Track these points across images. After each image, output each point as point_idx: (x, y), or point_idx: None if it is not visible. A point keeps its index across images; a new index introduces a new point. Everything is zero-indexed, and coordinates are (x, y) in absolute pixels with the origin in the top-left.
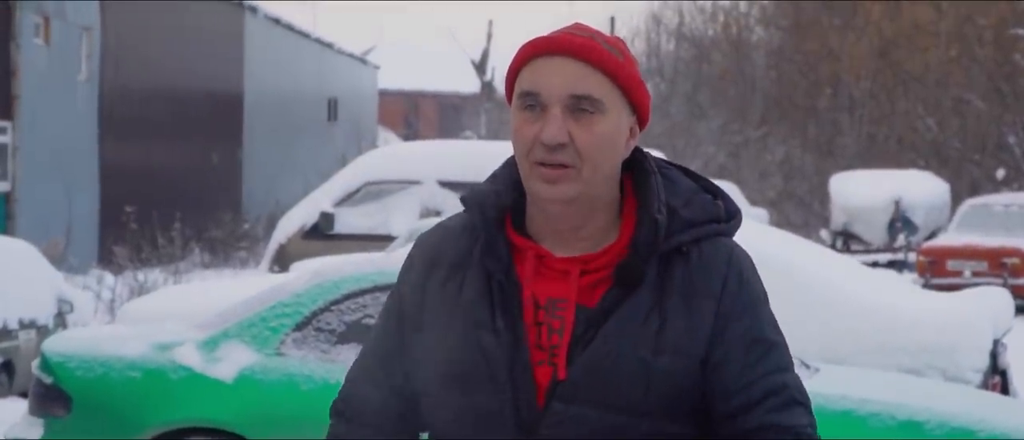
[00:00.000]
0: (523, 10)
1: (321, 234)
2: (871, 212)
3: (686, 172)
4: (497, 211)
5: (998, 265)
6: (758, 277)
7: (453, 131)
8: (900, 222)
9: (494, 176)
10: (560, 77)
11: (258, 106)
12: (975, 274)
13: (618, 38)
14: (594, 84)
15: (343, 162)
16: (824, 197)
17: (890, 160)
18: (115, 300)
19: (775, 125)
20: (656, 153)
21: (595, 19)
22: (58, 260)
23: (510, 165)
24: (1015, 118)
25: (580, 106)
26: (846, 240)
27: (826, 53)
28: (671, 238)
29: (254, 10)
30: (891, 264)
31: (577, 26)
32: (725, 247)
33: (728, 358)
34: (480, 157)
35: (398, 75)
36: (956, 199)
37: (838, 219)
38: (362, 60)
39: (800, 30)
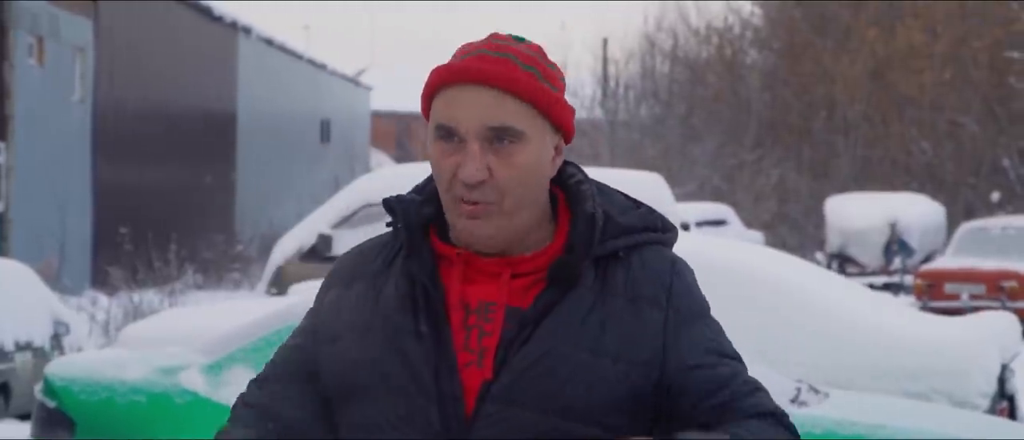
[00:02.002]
0: (515, 32)
1: (319, 256)
2: (867, 235)
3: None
4: (421, 220)
5: (996, 288)
6: (699, 287)
7: None
8: (896, 245)
9: (418, 188)
10: (475, 109)
11: (251, 127)
12: (973, 297)
13: (536, 48)
14: (512, 114)
15: (336, 184)
16: (819, 220)
17: (885, 183)
18: (110, 321)
19: (770, 147)
20: (652, 175)
21: (588, 41)
22: (51, 281)
23: (433, 178)
24: (1010, 141)
25: (499, 138)
26: (842, 263)
27: (820, 75)
28: (607, 242)
29: (247, 31)
30: (887, 287)
31: (491, 43)
32: (667, 256)
33: (699, 362)
34: None
35: (390, 97)
36: (951, 222)
37: (834, 242)
38: (354, 81)
39: (794, 52)
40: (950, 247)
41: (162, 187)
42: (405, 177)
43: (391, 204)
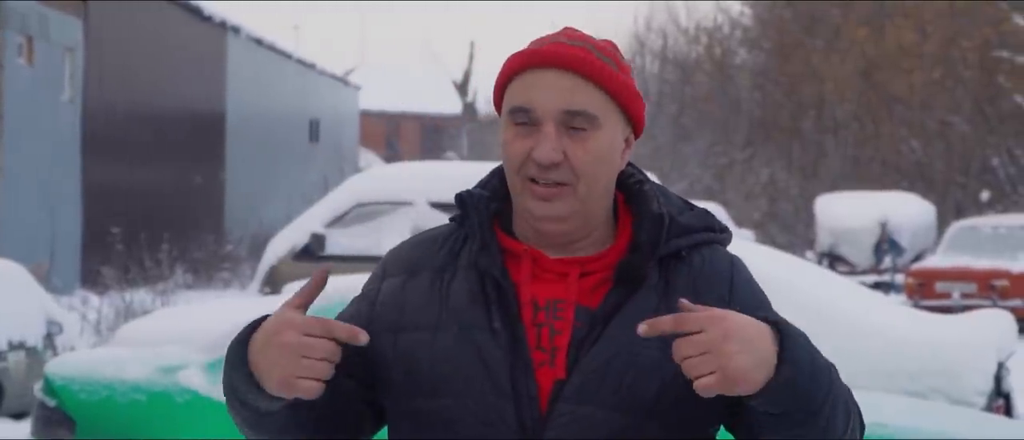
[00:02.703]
0: (505, 32)
1: (312, 255)
2: (857, 234)
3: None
4: (489, 215)
5: (987, 287)
6: (758, 283)
7: (434, 152)
8: (887, 244)
9: (483, 182)
10: (553, 92)
11: (240, 127)
12: (964, 296)
13: (610, 43)
14: (588, 99)
15: (325, 183)
16: (809, 219)
17: (874, 182)
18: (101, 321)
19: (760, 147)
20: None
21: None
22: (42, 281)
23: (497, 173)
24: (999, 140)
25: (574, 122)
26: (832, 262)
27: (810, 75)
28: (671, 242)
29: (237, 30)
30: (877, 286)
31: (568, 33)
32: (726, 254)
33: None
34: (471, 177)
35: (379, 96)
36: (941, 221)
37: (824, 241)
38: (343, 81)
39: (783, 52)
40: (941, 246)
41: (151, 187)
42: (398, 176)
43: (463, 198)
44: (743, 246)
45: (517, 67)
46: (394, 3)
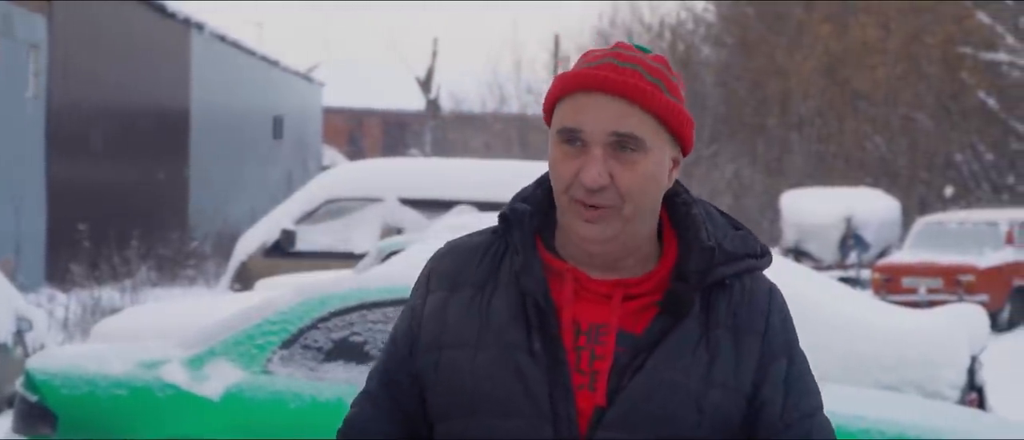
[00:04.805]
0: (468, 29)
1: (283, 252)
2: (823, 229)
3: (714, 207)
4: (531, 231)
5: (953, 282)
6: (791, 317)
7: (398, 149)
8: (852, 239)
9: (523, 195)
10: (602, 115)
11: (205, 123)
12: (930, 291)
13: (661, 60)
14: (637, 123)
15: (289, 180)
16: (774, 215)
17: (839, 178)
18: (69, 318)
19: (724, 143)
20: None
21: (540, 38)
22: (9, 278)
23: (540, 184)
24: (962, 136)
25: (622, 146)
26: (797, 258)
27: (774, 71)
28: (716, 269)
29: (200, 27)
30: (843, 281)
31: (619, 52)
32: (765, 283)
33: (773, 398)
34: (441, 174)
35: (343, 92)
36: (905, 217)
37: (789, 236)
38: (307, 78)
39: (747, 48)
40: (907, 241)
41: (117, 184)
42: (367, 172)
43: (507, 216)
44: None
45: (568, 88)
46: (357, 1)
